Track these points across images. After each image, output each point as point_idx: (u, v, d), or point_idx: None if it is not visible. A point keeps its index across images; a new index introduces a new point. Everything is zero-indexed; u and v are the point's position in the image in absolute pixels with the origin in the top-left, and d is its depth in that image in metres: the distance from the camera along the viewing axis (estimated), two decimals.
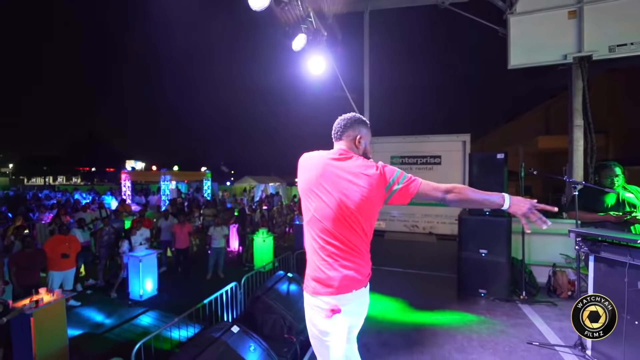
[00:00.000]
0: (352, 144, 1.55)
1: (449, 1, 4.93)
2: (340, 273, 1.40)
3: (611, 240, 2.35)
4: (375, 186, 1.42)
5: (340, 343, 1.46)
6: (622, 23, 4.08)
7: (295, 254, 7.20)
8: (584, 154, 4.28)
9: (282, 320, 2.88)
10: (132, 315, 5.42)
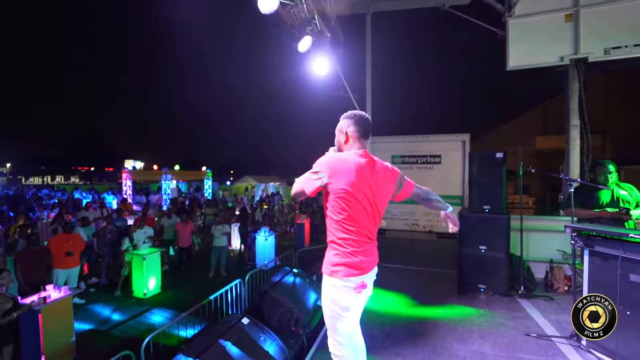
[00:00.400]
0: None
1: (449, 4, 5.04)
2: (368, 258, 1.71)
3: (604, 234, 2.47)
4: (393, 184, 1.75)
5: (355, 317, 1.79)
6: (616, 27, 4.21)
7: (297, 252, 7.30)
8: (580, 153, 4.41)
9: (289, 313, 2.97)
10: (136, 312, 5.50)
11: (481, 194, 3.97)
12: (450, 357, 2.59)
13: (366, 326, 3.09)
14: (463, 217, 4.06)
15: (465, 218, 4.04)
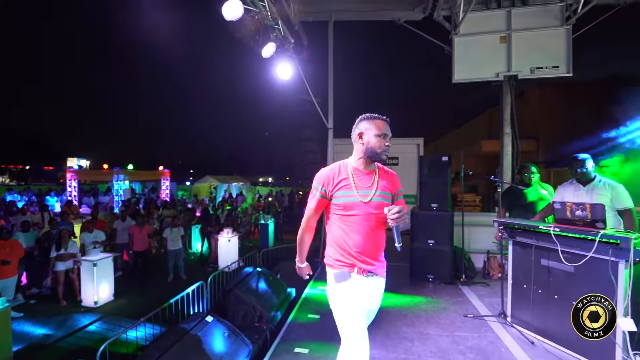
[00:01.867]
0: (357, 143, 1.73)
1: (403, 19, 5.48)
2: None
3: (522, 227, 2.94)
4: None
5: None
6: (539, 50, 4.94)
7: (261, 253, 7.34)
8: (512, 157, 5.08)
9: (252, 310, 3.08)
10: (85, 323, 5.14)
11: (430, 194, 4.42)
12: (399, 339, 2.90)
13: (327, 318, 3.31)
14: (414, 214, 4.47)
15: (416, 215, 4.46)
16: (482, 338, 2.92)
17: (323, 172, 1.75)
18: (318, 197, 1.72)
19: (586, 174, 3.08)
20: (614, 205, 3.00)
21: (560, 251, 2.59)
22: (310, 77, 6.02)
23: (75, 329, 4.90)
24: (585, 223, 2.53)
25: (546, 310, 2.82)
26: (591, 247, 2.39)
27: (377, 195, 1.67)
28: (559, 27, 4.96)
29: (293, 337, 2.90)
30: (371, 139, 1.65)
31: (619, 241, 2.26)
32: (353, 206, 1.66)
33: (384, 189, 1.70)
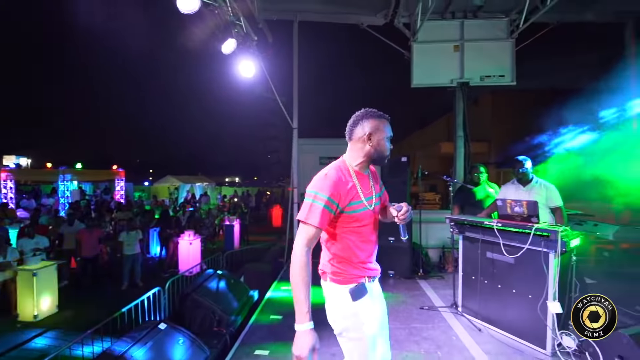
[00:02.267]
0: (362, 143, 1.47)
1: (366, 23, 5.64)
2: None
3: (470, 223, 3.18)
4: None
5: None
6: (488, 60, 5.36)
7: (225, 255, 7.13)
8: (464, 158, 5.46)
9: (211, 314, 2.98)
10: (22, 339, 4.62)
11: (390, 193, 4.57)
12: None
13: (289, 318, 3.31)
14: None
15: None
16: (436, 328, 3.11)
17: (330, 180, 1.38)
18: (326, 212, 1.34)
19: (525, 174, 3.40)
20: (548, 203, 3.35)
21: (502, 244, 2.84)
22: (276, 76, 5.97)
23: (8, 346, 4.38)
24: (523, 218, 2.80)
25: (491, 299, 3.07)
26: (527, 240, 2.65)
27: (376, 200, 1.53)
28: (504, 39, 5.42)
29: (254, 340, 2.86)
30: (382, 142, 1.47)
31: (549, 234, 2.54)
32: (364, 217, 1.45)
33: (377, 190, 1.57)
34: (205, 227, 10.12)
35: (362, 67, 30.26)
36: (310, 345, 1.31)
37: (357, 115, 1.50)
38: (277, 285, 4.33)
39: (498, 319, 3.01)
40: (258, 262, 6.78)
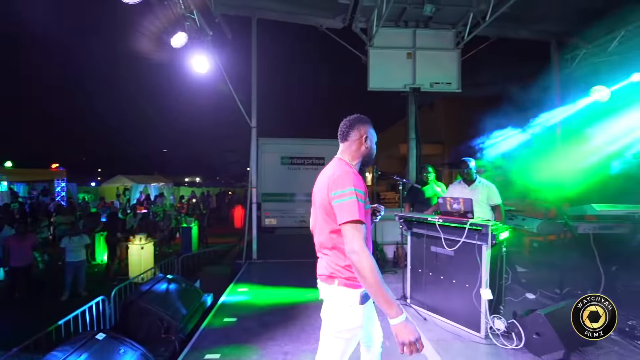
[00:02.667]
0: (357, 144, 1.56)
1: (325, 25, 5.74)
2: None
3: (417, 219, 3.41)
4: (327, 191, 1.47)
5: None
6: (437, 67, 5.76)
7: (180, 259, 6.79)
8: (416, 159, 5.81)
9: (159, 321, 2.84)
10: None
11: None
12: (314, 330, 3.04)
13: (245, 320, 3.27)
14: None
15: None
16: (386, 321, 3.27)
17: (357, 176, 1.46)
18: (362, 206, 1.39)
19: (470, 174, 3.72)
20: (489, 201, 3.70)
21: (443, 239, 3.08)
22: (235, 74, 5.82)
23: None
24: (460, 214, 3.06)
25: (435, 290, 3.32)
26: (464, 234, 2.91)
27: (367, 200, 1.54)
28: (451, 50, 5.86)
29: (205, 344, 2.78)
30: (373, 144, 1.60)
31: (481, 228, 2.81)
32: (367, 214, 1.49)
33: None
34: (160, 230, 9.54)
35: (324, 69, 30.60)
36: (416, 330, 1.32)
37: (352, 119, 1.60)
38: (233, 288, 4.24)
39: (441, 308, 3.26)
40: (216, 265, 6.57)
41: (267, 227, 8.46)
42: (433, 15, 5.49)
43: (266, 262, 5.56)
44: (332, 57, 11.81)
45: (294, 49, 19.51)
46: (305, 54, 24.31)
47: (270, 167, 8.43)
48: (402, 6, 5.36)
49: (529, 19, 5.68)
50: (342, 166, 1.52)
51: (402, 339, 1.30)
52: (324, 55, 20.00)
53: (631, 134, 4.66)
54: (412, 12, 5.57)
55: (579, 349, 2.68)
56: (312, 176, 6.75)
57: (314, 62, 31.22)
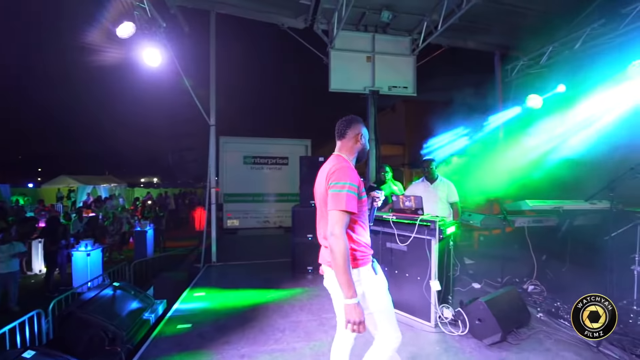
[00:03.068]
0: (353, 142, 1.78)
1: (287, 24, 5.73)
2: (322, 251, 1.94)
3: (375, 217, 3.53)
4: (325, 183, 1.66)
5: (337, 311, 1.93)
6: (394, 72, 6.03)
7: (133, 265, 6.35)
8: (375, 159, 6.02)
9: (102, 332, 2.64)
10: None
11: (309, 191, 4.77)
12: (272, 331, 3.03)
13: (199, 325, 3.15)
14: (295, 212, 4.75)
15: (297, 212, 4.75)
16: None
17: (352, 170, 1.69)
18: (354, 197, 1.59)
19: (432, 173, 3.94)
20: (448, 199, 3.95)
21: (396, 235, 3.24)
22: (193, 70, 5.57)
23: None
24: (412, 211, 3.24)
25: (391, 284, 3.43)
26: (414, 230, 3.08)
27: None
28: (408, 55, 6.17)
29: (155, 353, 2.63)
30: (366, 142, 1.84)
31: (430, 224, 3.00)
32: (363, 203, 1.74)
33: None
34: (110, 235, 8.82)
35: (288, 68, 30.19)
36: (362, 313, 1.51)
37: (349, 119, 1.81)
38: (189, 293, 4.06)
39: (396, 301, 3.37)
40: (174, 271, 6.24)
41: (230, 229, 8.22)
42: (390, 22, 5.74)
43: (226, 264, 5.40)
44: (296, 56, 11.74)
45: (257, 47, 19.14)
46: (268, 52, 23.91)
47: (232, 166, 8.20)
48: (361, 11, 5.52)
49: (476, 31, 6.17)
50: (341, 161, 1.71)
51: (350, 318, 1.50)
52: (288, 54, 19.86)
53: (558, 138, 5.27)
54: (371, 18, 5.77)
55: (514, 330, 2.98)
56: (276, 176, 6.93)
57: (278, 61, 30.87)
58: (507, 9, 5.32)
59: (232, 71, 11.00)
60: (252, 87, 33.18)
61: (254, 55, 23.53)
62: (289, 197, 8.48)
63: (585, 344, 2.75)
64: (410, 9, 5.55)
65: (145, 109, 42.09)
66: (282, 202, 8.51)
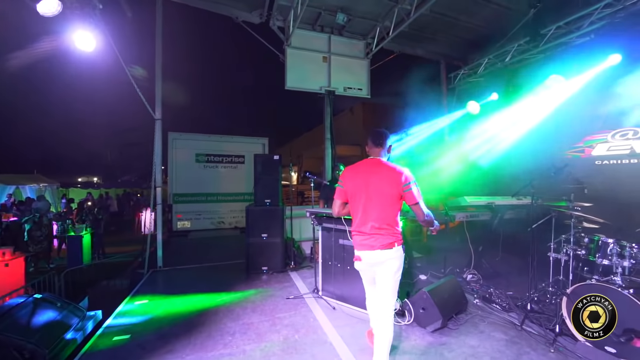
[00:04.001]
0: (387, 151, 2.39)
1: (241, 18, 5.55)
2: (363, 237, 2.32)
3: (326, 214, 3.59)
4: (393, 183, 2.22)
5: (367, 283, 2.52)
6: (349, 74, 6.19)
7: (63, 274, 5.64)
8: (331, 158, 6.12)
9: (17, 352, 2.29)
10: None
11: (263, 190, 4.69)
12: (221, 336, 2.91)
13: (139, 335, 2.90)
14: (249, 211, 4.63)
15: (251, 212, 4.63)
16: (297, 314, 3.36)
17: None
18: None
19: None
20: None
21: (348, 231, 3.31)
22: (137, 59, 5.10)
23: None
24: None
25: (343, 280, 3.55)
26: None
27: None
28: (362, 59, 6.37)
29: None
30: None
31: None
32: None
33: None
34: (36, 242, 7.74)
35: (243, 64, 29.16)
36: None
37: (386, 132, 2.35)
38: (129, 302, 3.72)
39: (348, 296, 3.50)
40: (113, 279, 5.69)
41: (180, 231, 7.73)
42: (346, 25, 5.88)
43: (174, 269, 5.06)
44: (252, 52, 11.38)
45: (210, 39, 18.29)
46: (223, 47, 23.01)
47: (183, 165, 7.72)
48: (317, 11, 5.57)
49: (423, 40, 6.60)
50: (395, 165, 2.23)
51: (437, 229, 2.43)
52: (243, 50, 19.28)
53: (491, 140, 5.88)
54: (327, 19, 5.85)
55: (453, 316, 3.23)
56: (231, 175, 6.68)
57: (233, 56, 29.90)
58: (450, 21, 5.77)
59: (183, 64, 10.33)
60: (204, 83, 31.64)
61: (208, 48, 22.43)
62: (246, 196, 8.24)
63: (512, 324, 3.10)
64: (364, 14, 5.74)
65: (82, 100, 37.73)
66: (238, 202, 8.23)
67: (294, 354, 2.63)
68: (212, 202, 8.04)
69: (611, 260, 2.81)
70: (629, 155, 4.67)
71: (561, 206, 3.36)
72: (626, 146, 4.70)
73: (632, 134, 4.66)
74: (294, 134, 25.27)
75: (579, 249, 3.15)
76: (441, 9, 5.41)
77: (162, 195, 5.08)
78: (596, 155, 5.02)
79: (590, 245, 3.11)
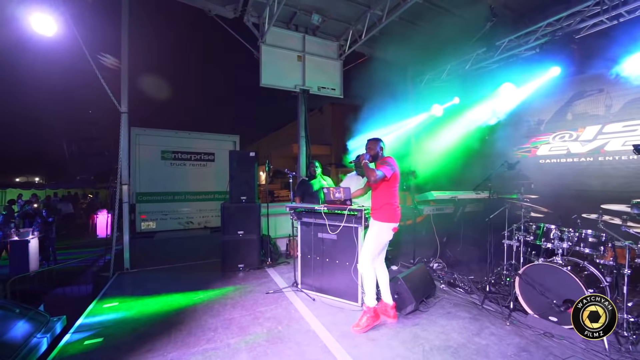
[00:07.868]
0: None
1: (215, 12, 5.43)
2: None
3: (305, 209, 3.68)
4: None
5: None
6: (323, 73, 6.34)
7: (10, 282, 5.08)
8: (306, 155, 6.22)
9: None
10: None
11: (239, 187, 4.65)
12: (203, 332, 2.87)
13: (114, 338, 2.77)
14: (224, 208, 4.56)
15: (227, 209, 4.57)
16: (278, 307, 3.41)
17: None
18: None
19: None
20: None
21: (327, 225, 3.44)
22: (101, 47, 4.77)
23: None
24: (342, 202, 3.50)
25: (322, 272, 3.67)
26: (344, 219, 3.34)
27: None
28: (335, 59, 6.55)
29: None
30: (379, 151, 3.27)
31: (357, 212, 3.29)
32: None
33: None
34: None
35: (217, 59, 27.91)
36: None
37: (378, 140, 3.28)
38: (97, 305, 3.50)
39: (328, 287, 3.63)
40: (73, 285, 5.26)
41: (144, 232, 7.32)
42: (320, 25, 6.01)
43: (143, 270, 4.82)
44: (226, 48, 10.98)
45: (181, 32, 17.42)
46: (194, 40, 21.99)
47: (147, 162, 7.32)
48: (292, 10, 5.63)
49: (393, 44, 6.96)
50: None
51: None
52: (218, 44, 18.65)
53: (454, 140, 6.39)
54: (302, 18, 5.94)
55: (424, 300, 3.51)
56: (201, 173, 6.64)
57: (206, 50, 28.71)
58: (418, 29, 6.17)
59: (152, 56, 9.76)
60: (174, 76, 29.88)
61: (178, 41, 21.28)
62: (216, 195, 8.03)
63: (474, 304, 3.44)
64: (338, 16, 5.91)
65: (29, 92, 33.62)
66: (208, 201, 8.00)
67: (279, 343, 2.69)
68: (180, 201, 7.72)
69: (553, 243, 3.26)
70: (566, 155, 5.38)
71: (513, 198, 3.80)
72: (564, 147, 5.41)
73: (568, 137, 5.38)
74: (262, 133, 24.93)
75: (528, 235, 3.59)
76: (410, 16, 5.77)
77: (110, 194, 4.81)
78: (540, 155, 5.70)
79: (537, 231, 3.56)
